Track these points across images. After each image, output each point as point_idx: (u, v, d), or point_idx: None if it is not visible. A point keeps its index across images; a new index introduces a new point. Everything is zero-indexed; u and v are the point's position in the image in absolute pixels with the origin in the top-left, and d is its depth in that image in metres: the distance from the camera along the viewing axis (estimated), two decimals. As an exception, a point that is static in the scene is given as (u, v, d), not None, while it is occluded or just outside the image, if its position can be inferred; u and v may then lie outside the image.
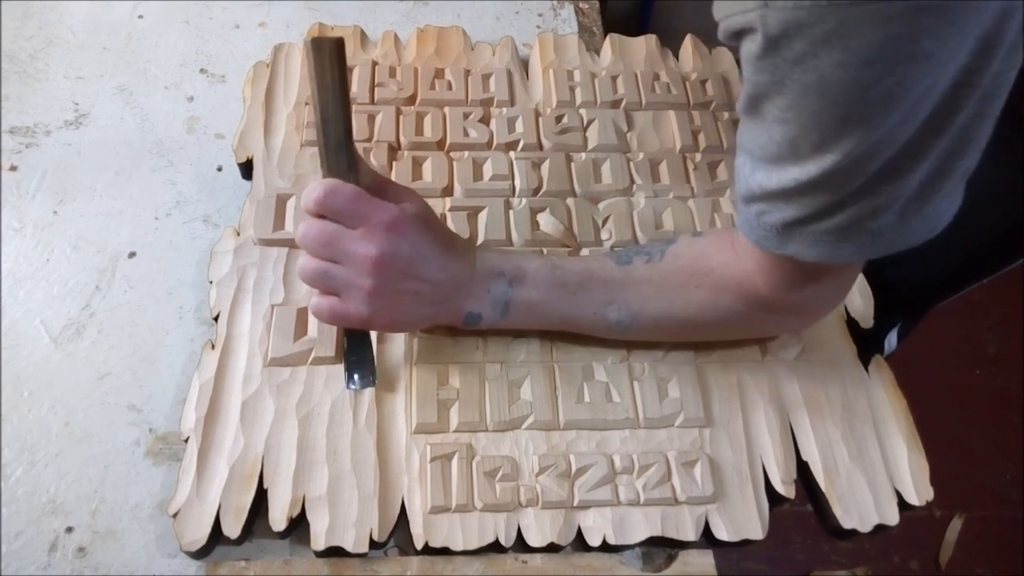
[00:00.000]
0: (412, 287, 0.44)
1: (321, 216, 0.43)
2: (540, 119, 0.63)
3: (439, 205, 0.58)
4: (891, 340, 1.17)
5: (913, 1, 0.30)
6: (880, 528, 0.47)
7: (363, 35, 0.69)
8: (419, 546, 0.45)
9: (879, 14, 0.30)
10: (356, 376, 0.49)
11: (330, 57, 0.41)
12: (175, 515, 0.44)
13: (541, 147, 0.62)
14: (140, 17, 0.71)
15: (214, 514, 0.44)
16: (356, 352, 0.49)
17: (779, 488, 0.48)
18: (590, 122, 0.63)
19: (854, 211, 0.38)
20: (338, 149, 0.43)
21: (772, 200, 0.40)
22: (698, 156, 0.62)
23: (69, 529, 0.46)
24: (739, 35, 0.36)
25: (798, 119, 0.36)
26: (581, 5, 0.75)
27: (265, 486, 0.45)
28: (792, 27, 0.32)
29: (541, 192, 0.59)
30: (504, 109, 0.64)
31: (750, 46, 0.35)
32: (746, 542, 0.47)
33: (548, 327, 0.51)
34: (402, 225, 0.43)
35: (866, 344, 0.55)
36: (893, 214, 0.38)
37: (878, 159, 0.36)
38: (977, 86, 0.34)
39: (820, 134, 0.35)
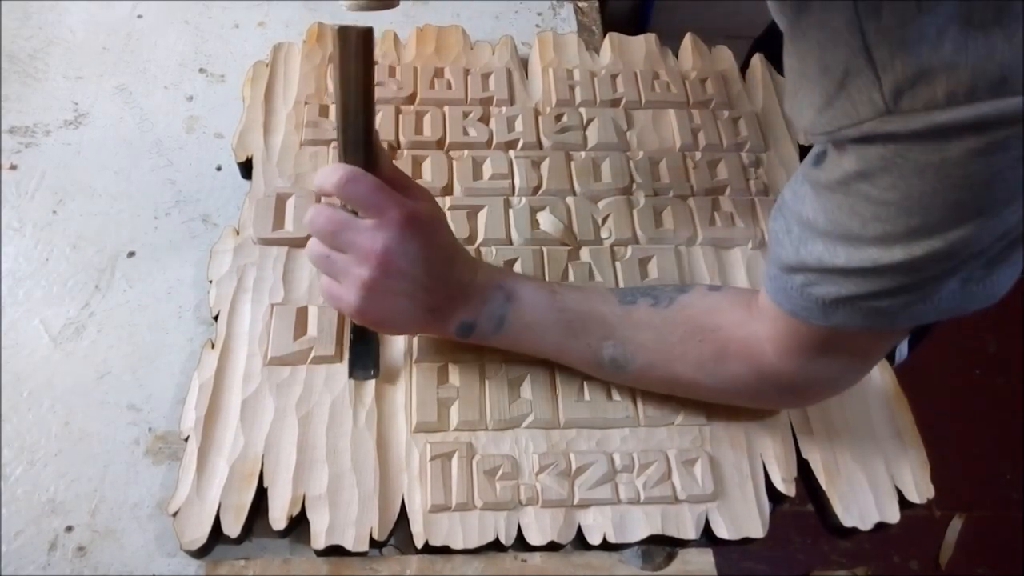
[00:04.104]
0: (407, 288, 0.44)
1: (329, 199, 0.42)
2: (540, 118, 0.63)
3: (439, 204, 0.57)
4: (902, 349, 1.17)
5: None
6: (881, 526, 0.47)
7: (362, 34, 0.68)
8: (419, 545, 0.45)
9: None
10: (359, 366, 0.49)
11: (356, 47, 0.39)
12: (175, 514, 0.44)
13: (541, 146, 0.62)
14: (139, 17, 0.70)
15: (214, 513, 0.44)
16: (361, 343, 0.50)
17: (780, 486, 0.48)
18: (590, 121, 0.63)
19: (924, 290, 0.35)
20: (356, 144, 0.42)
21: (829, 275, 0.36)
22: (698, 155, 0.62)
23: (69, 528, 0.46)
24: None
25: (902, 201, 0.32)
26: (580, 4, 0.75)
27: (265, 485, 0.45)
28: (923, 130, 0.29)
29: (541, 191, 0.59)
30: (504, 108, 0.64)
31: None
32: (747, 540, 0.46)
33: (542, 354, 0.49)
34: (414, 225, 0.42)
35: None
36: (956, 282, 0.35)
37: (977, 246, 0.32)
38: None
39: (924, 219, 0.32)
